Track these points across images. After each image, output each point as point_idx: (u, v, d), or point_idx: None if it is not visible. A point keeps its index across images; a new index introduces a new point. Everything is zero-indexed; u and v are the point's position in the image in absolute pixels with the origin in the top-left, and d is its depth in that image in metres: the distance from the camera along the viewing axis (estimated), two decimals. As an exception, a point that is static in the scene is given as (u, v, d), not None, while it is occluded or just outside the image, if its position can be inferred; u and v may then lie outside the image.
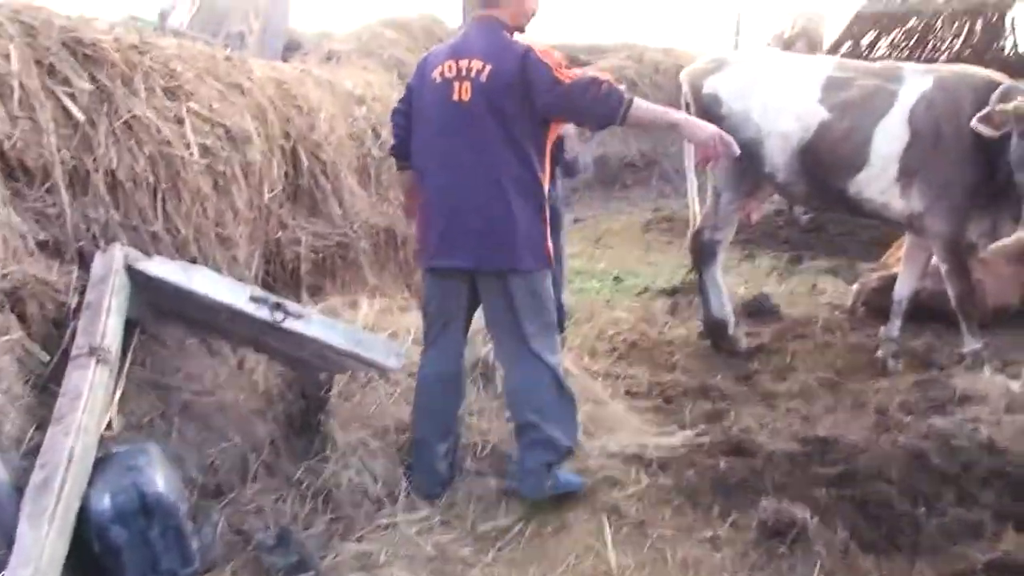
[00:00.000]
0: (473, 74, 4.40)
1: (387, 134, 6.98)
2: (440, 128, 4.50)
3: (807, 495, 4.46)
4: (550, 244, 4.57)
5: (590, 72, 4.52)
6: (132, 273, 4.15)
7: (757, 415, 5.54)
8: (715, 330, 7.01)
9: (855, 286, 7.92)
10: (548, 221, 4.55)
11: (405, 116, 4.75)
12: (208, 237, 4.88)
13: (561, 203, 6.07)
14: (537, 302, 4.53)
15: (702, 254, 7.18)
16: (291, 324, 4.38)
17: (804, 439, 4.97)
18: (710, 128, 4.49)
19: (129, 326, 4.14)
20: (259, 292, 4.43)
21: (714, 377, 6.27)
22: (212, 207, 4.91)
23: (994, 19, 12.45)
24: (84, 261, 4.18)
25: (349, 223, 6.21)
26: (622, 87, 4.43)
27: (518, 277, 4.46)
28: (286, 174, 5.75)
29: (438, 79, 4.49)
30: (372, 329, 5.23)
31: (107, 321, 3.87)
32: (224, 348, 4.84)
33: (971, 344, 6.40)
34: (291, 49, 11.07)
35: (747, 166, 6.80)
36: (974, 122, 5.86)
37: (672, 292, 8.49)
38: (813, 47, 23.32)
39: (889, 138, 6.33)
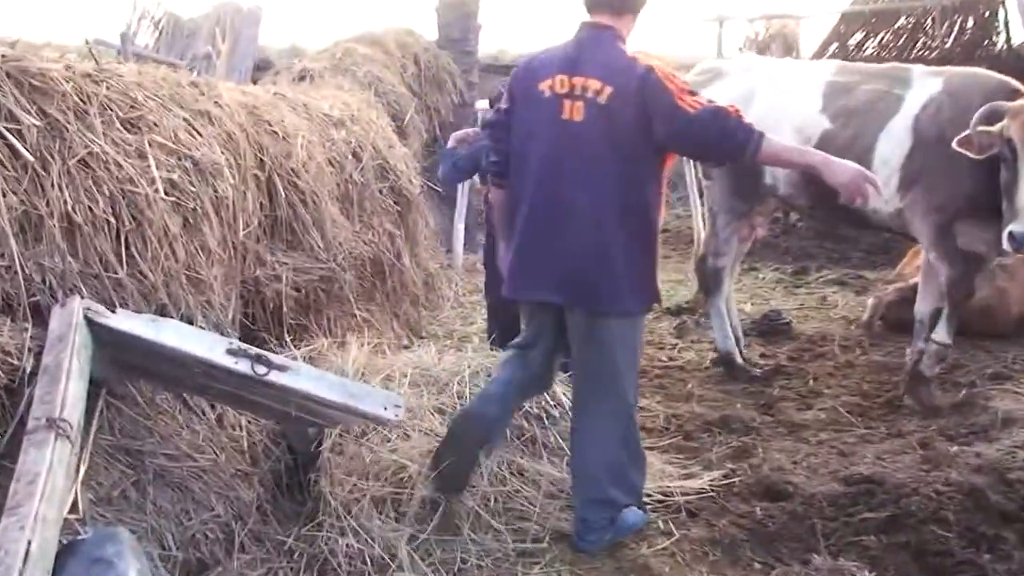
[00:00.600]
0: (589, 94, 3.97)
1: (368, 158, 6.58)
2: (544, 146, 4.07)
3: (856, 544, 4.04)
4: (659, 283, 4.22)
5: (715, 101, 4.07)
6: (94, 328, 3.68)
7: (788, 450, 5.09)
8: (725, 362, 6.62)
9: (871, 300, 7.51)
10: (656, 255, 4.19)
11: (506, 129, 4.28)
12: (178, 281, 4.41)
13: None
14: (627, 348, 4.16)
15: (706, 281, 6.80)
16: (275, 377, 3.92)
17: (845, 478, 4.52)
18: (852, 167, 4.04)
19: (93, 386, 3.67)
20: (238, 343, 3.95)
21: (734, 407, 5.82)
22: (181, 248, 4.44)
23: (986, 15, 12.10)
24: (40, 317, 3.69)
25: (332, 255, 5.76)
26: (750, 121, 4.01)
27: (612, 319, 4.08)
28: (261, 205, 5.31)
29: (547, 93, 4.06)
30: (364, 373, 4.76)
31: (67, 387, 3.38)
32: (201, 403, 4.39)
33: (942, 337, 5.90)
34: (261, 69, 10.60)
35: (741, 184, 6.47)
36: (954, 144, 5.35)
37: (677, 312, 8.03)
38: (789, 50, 23.09)
39: (892, 145, 5.90)
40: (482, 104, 16.41)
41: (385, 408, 4.12)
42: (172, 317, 4.29)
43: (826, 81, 6.31)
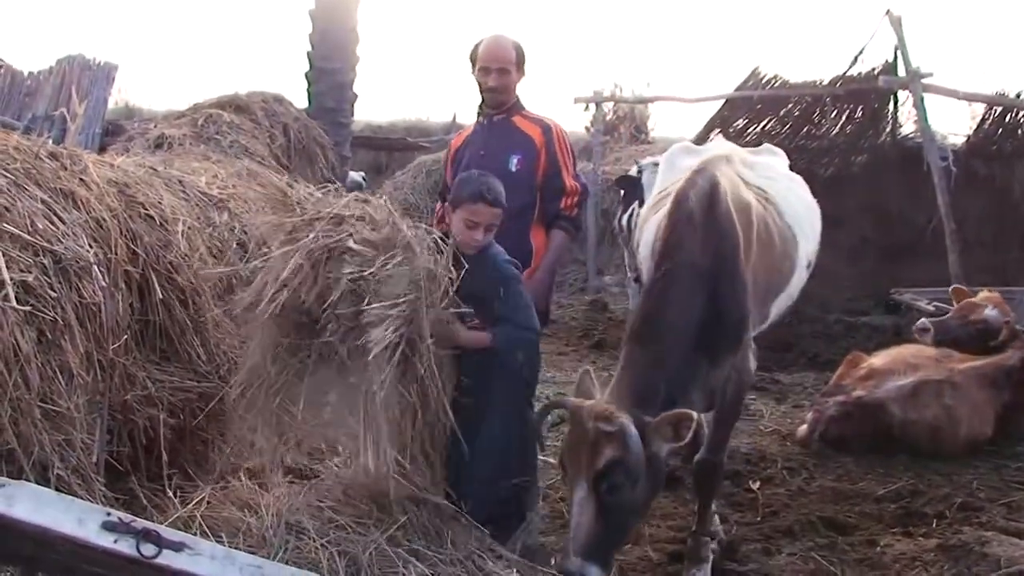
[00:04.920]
0: None
1: (254, 247, 5.54)
2: None
3: None
4: None
5: None
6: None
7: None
8: None
9: (809, 414, 6.80)
10: None
11: None
12: (30, 417, 3.36)
13: None
14: None
15: None
16: (168, 560, 2.89)
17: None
18: None
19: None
20: (118, 515, 2.90)
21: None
22: (35, 372, 3.40)
23: (876, 106, 11.84)
24: None
25: (215, 367, 4.71)
26: None
27: None
28: (132, 308, 4.25)
29: None
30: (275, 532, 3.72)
31: None
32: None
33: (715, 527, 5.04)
34: (111, 133, 9.41)
35: None
36: None
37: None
38: (638, 131, 22.96)
39: (644, 241, 5.18)
40: (355, 176, 15.48)
41: (313, 595, 3.14)
42: (20, 463, 3.28)
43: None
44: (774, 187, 5.43)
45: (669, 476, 5.54)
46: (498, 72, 4.95)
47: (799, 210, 5.57)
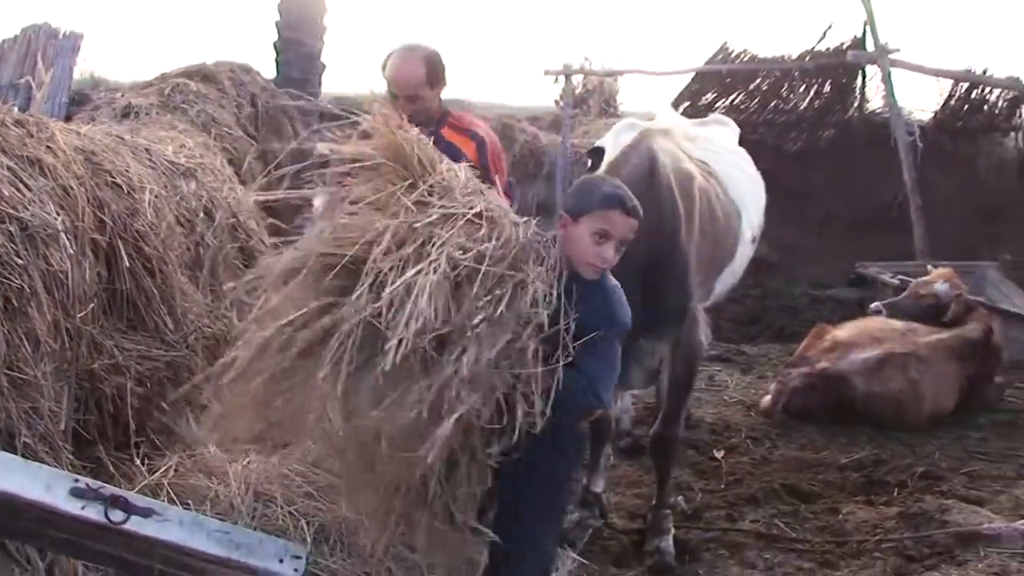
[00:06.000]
0: None
1: (221, 216, 5.55)
2: None
3: None
4: None
5: None
6: None
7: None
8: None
9: (773, 385, 6.87)
10: None
11: None
12: (-4, 384, 3.35)
13: None
14: None
15: None
16: (136, 526, 2.90)
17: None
18: None
19: None
20: (86, 481, 2.91)
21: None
22: (2, 339, 3.39)
23: (844, 81, 11.91)
24: None
25: (182, 336, 4.71)
26: None
27: None
28: (99, 276, 4.24)
29: None
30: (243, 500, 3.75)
31: None
32: (27, 550, 3.33)
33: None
34: (76, 103, 9.30)
35: None
36: None
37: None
38: (607, 104, 22.88)
39: None
40: (323, 148, 15.41)
41: (281, 561, 3.15)
42: (-14, 431, 3.28)
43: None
44: (717, 160, 5.38)
45: (634, 445, 5.67)
46: (406, 99, 4.29)
47: (743, 184, 5.56)
